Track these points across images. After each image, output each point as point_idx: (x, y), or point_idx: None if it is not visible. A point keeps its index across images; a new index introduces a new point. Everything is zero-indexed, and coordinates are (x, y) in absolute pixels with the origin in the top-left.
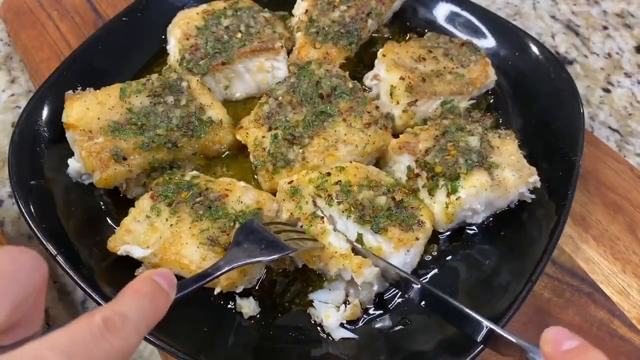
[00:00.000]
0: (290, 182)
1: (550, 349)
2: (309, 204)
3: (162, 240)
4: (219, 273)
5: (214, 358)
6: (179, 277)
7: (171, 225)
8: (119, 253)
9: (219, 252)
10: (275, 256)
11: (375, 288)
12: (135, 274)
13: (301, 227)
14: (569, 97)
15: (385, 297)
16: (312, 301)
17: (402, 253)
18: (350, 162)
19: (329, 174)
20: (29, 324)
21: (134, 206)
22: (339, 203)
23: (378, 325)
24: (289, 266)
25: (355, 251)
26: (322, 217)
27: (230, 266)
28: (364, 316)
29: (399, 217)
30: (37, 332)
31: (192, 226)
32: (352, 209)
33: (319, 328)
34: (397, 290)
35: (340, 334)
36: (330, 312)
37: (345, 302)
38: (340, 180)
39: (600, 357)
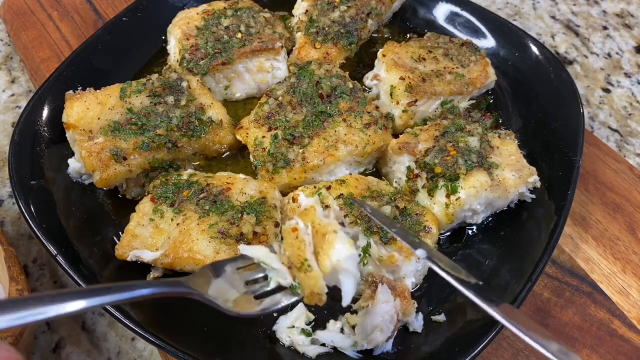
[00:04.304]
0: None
1: None
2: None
3: (172, 240)
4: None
5: (213, 358)
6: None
7: (177, 224)
8: (128, 259)
9: (231, 244)
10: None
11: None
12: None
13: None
14: (568, 97)
15: None
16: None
17: (413, 261)
18: (350, 174)
19: (328, 187)
20: None
21: (134, 207)
22: (344, 216)
23: None
24: None
25: None
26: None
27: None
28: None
29: (405, 225)
30: None
31: (200, 222)
32: (359, 220)
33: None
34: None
35: (331, 337)
36: (302, 329)
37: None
38: (342, 193)
39: None
